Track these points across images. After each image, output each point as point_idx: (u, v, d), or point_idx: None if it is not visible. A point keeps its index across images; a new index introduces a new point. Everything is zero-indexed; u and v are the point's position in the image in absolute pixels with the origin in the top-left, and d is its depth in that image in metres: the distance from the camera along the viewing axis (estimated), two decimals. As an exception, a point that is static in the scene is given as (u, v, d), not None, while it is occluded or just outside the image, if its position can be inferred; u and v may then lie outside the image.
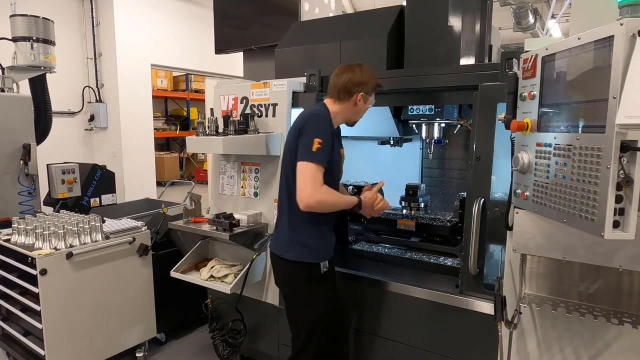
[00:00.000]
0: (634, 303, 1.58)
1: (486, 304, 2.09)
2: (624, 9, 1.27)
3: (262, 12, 3.83)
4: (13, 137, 3.81)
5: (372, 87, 2.18)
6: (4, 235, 2.90)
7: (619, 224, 1.17)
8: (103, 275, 2.85)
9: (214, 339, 2.99)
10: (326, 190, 2.02)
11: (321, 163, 2.00)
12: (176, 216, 3.43)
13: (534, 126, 1.50)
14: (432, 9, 2.49)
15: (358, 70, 2.15)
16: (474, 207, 2.00)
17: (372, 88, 2.18)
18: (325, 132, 2.03)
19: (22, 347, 2.86)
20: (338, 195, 2.11)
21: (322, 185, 2.01)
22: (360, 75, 2.14)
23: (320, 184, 2.01)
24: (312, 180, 1.98)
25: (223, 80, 3.36)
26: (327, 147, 2.02)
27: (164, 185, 6.93)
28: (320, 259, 2.14)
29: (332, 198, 2.07)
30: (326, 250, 2.19)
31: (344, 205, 2.14)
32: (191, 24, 7.59)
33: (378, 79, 2.21)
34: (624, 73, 1.11)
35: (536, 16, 7.59)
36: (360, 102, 2.16)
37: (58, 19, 4.76)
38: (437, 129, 2.70)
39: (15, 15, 3.97)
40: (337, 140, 2.17)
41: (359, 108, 2.19)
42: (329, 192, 2.03)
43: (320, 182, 2.00)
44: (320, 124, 2.06)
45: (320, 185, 2.00)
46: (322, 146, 2.00)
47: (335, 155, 2.14)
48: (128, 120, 6.88)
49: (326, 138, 2.02)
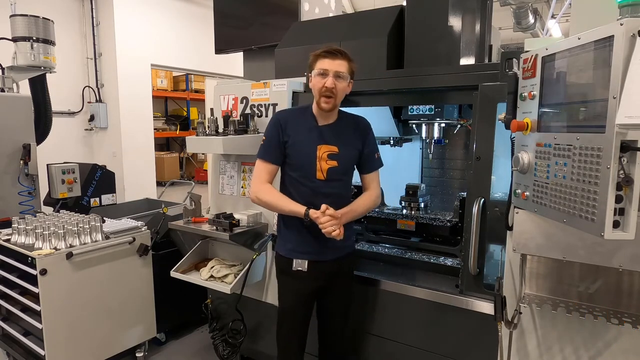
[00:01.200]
0: (634, 303, 1.57)
1: (486, 304, 2.09)
2: (624, 9, 1.27)
3: (262, 12, 3.83)
4: (13, 137, 3.81)
5: (312, 60, 2.09)
6: (4, 235, 2.90)
7: (619, 224, 1.17)
8: (103, 275, 2.85)
9: (214, 339, 2.99)
10: (266, 189, 2.10)
11: (264, 159, 2.12)
12: (176, 216, 3.43)
13: (534, 126, 1.50)
14: (432, 9, 2.49)
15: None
16: (474, 207, 2.00)
17: (312, 62, 2.09)
18: (268, 130, 2.15)
19: (22, 347, 2.86)
20: (278, 198, 2.10)
21: (263, 182, 2.11)
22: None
23: (261, 181, 2.11)
24: (254, 176, 2.15)
25: (223, 80, 3.36)
26: (268, 144, 2.12)
27: (164, 185, 6.93)
28: (291, 254, 2.16)
29: (271, 199, 2.10)
30: (302, 249, 2.15)
31: (285, 210, 2.10)
32: (191, 24, 7.59)
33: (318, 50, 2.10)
34: (624, 73, 1.11)
35: (536, 16, 7.58)
36: (311, 82, 2.10)
37: (58, 19, 4.76)
38: (437, 129, 2.70)
39: (15, 15, 3.97)
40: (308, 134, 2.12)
41: (313, 88, 2.11)
42: (268, 192, 2.10)
43: (262, 178, 2.11)
44: (269, 124, 2.19)
45: (260, 182, 2.11)
46: (264, 143, 2.14)
47: (296, 149, 2.11)
48: (128, 120, 6.88)
49: (268, 135, 2.13)
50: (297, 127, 2.13)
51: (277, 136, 2.11)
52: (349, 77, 2.08)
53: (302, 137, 2.12)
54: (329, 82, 2.01)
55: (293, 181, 2.14)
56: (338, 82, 2.03)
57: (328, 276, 2.19)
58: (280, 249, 2.23)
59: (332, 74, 2.02)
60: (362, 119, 2.28)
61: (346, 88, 2.10)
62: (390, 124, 2.82)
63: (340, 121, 2.19)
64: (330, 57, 2.03)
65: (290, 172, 2.15)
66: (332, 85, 2.01)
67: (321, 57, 2.05)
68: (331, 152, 2.12)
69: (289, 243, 2.19)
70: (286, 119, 2.15)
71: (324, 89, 2.03)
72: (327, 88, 2.02)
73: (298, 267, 2.15)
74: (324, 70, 2.03)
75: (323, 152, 2.11)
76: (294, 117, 2.18)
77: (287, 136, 2.11)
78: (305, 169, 2.11)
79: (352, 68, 2.09)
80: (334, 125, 2.17)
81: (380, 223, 2.89)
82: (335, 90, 2.03)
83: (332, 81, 2.01)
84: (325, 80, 2.02)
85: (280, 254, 2.23)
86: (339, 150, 2.14)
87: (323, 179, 2.11)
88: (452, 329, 2.24)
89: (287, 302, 2.24)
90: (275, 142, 2.11)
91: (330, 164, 2.12)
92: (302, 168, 2.12)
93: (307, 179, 2.11)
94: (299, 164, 2.12)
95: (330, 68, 2.02)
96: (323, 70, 2.03)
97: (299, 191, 2.12)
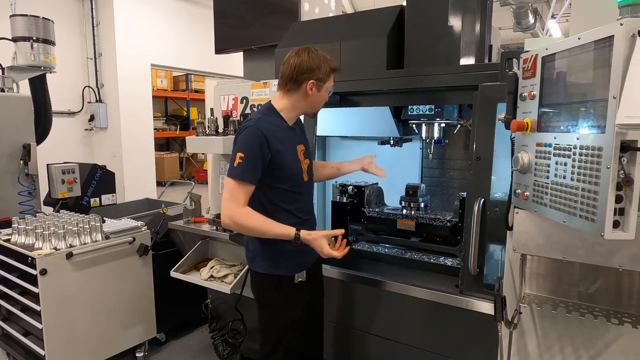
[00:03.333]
0: (634, 303, 1.57)
1: (486, 304, 2.09)
2: (624, 9, 1.27)
3: (262, 12, 3.83)
4: (13, 137, 3.81)
5: (326, 72, 1.91)
6: (4, 235, 2.90)
7: (619, 224, 1.17)
8: (103, 275, 2.85)
9: (214, 339, 2.99)
10: (245, 213, 1.84)
11: (241, 179, 1.83)
12: (176, 216, 3.43)
13: (534, 126, 1.49)
14: (432, 9, 2.49)
15: (306, 54, 1.89)
16: (474, 207, 2.00)
17: (325, 74, 1.92)
18: (249, 147, 1.84)
19: (22, 347, 2.86)
20: (261, 222, 1.86)
21: (241, 205, 1.84)
22: (309, 60, 1.88)
23: (239, 204, 1.84)
24: (229, 198, 1.85)
25: (223, 80, 3.36)
26: (250, 162, 1.83)
27: (164, 185, 6.93)
28: (292, 270, 2.02)
29: (252, 223, 1.85)
30: (299, 262, 2.03)
31: (271, 234, 1.88)
32: (191, 24, 7.59)
33: (333, 62, 1.94)
34: (624, 73, 1.11)
35: (536, 16, 7.58)
36: (314, 92, 1.92)
37: (58, 19, 4.76)
38: (437, 129, 2.70)
39: (15, 15, 3.97)
40: (292, 148, 1.97)
41: (313, 99, 1.95)
42: (249, 216, 1.85)
43: (239, 201, 1.84)
44: (247, 138, 1.86)
45: (237, 205, 1.83)
46: (243, 162, 1.83)
47: (286, 166, 1.93)
48: (128, 120, 6.88)
49: (250, 154, 1.83)
50: (278, 136, 1.92)
51: (260, 154, 1.85)
52: None
53: (285, 144, 1.94)
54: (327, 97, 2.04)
55: (284, 193, 1.96)
56: None
57: (315, 279, 2.17)
58: (278, 269, 2.01)
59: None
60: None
61: None
62: (390, 124, 2.82)
63: (297, 120, 2.12)
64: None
65: (280, 184, 1.94)
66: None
67: (333, 72, 1.98)
68: (304, 150, 2.07)
69: (292, 259, 2.01)
70: (267, 132, 1.88)
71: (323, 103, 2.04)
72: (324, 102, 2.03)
73: (300, 279, 2.03)
74: (332, 87, 2.03)
75: (300, 152, 2.03)
76: (271, 126, 1.92)
77: (272, 150, 1.88)
78: (295, 176, 1.98)
79: None
80: (297, 124, 2.10)
81: (380, 223, 2.89)
82: None
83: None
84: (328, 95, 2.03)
85: (278, 275, 2.02)
86: (305, 147, 2.08)
87: (307, 179, 2.05)
88: (452, 329, 2.24)
89: (292, 318, 2.05)
90: (258, 161, 1.85)
91: (306, 162, 2.06)
92: (292, 176, 1.97)
93: (298, 185, 2.00)
94: (290, 173, 1.96)
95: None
96: (332, 88, 2.03)
97: (293, 201, 1.99)
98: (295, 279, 2.03)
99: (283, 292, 2.03)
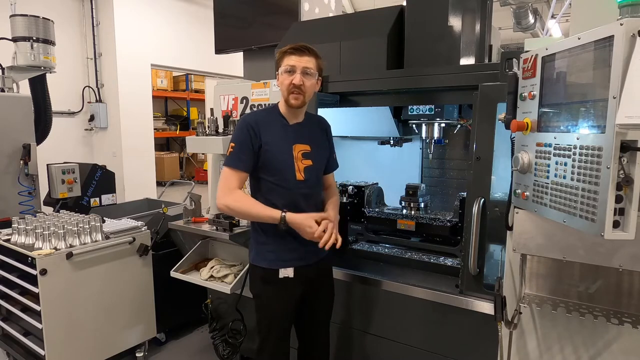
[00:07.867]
0: (634, 303, 1.57)
1: (486, 304, 2.09)
2: (624, 9, 1.27)
3: (262, 12, 3.83)
4: (13, 137, 3.81)
5: (280, 57, 2.02)
6: (4, 235, 2.90)
7: (619, 224, 1.17)
8: (103, 275, 2.85)
9: (214, 339, 2.99)
10: (236, 197, 1.98)
11: (233, 167, 1.98)
12: (176, 216, 3.43)
13: (534, 126, 1.49)
14: (432, 9, 2.49)
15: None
16: (474, 207, 2.00)
17: (279, 58, 2.03)
18: (238, 136, 2.01)
19: (22, 347, 2.86)
20: (251, 205, 1.99)
21: (233, 190, 1.98)
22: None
23: (230, 189, 1.98)
24: (222, 184, 2.01)
25: (223, 80, 3.36)
26: (239, 150, 1.98)
27: (164, 185, 6.93)
28: (276, 264, 2.07)
29: (242, 206, 1.99)
30: (287, 256, 2.08)
31: (261, 217, 1.99)
32: (191, 24, 7.59)
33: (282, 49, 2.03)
34: (624, 73, 1.11)
35: (536, 16, 7.58)
36: (280, 81, 2.04)
37: (58, 19, 4.76)
38: (437, 129, 2.70)
39: (15, 15, 3.97)
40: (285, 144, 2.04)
41: (280, 88, 2.06)
42: (239, 199, 1.98)
43: (231, 186, 1.98)
44: (237, 129, 2.05)
45: (229, 190, 1.98)
46: (233, 150, 2.00)
47: (273, 151, 2.01)
48: (128, 120, 6.88)
49: (238, 142, 1.99)
50: (270, 129, 2.03)
51: (249, 142, 1.98)
52: (317, 74, 2.04)
53: (277, 138, 2.03)
54: (297, 79, 1.96)
55: (270, 186, 2.04)
56: (306, 78, 1.98)
57: (311, 280, 2.16)
58: (261, 261, 2.11)
59: (300, 71, 1.97)
60: (323, 118, 2.28)
61: (315, 85, 2.06)
62: (390, 124, 2.82)
63: (308, 120, 2.15)
64: (298, 53, 1.99)
65: (267, 176, 2.04)
66: (299, 82, 1.96)
67: (288, 54, 2.00)
68: (305, 151, 2.08)
69: (271, 253, 2.09)
70: (257, 122, 2.02)
71: (291, 86, 1.98)
72: (294, 85, 1.97)
73: (285, 275, 2.07)
74: (291, 67, 1.98)
75: (298, 152, 2.06)
76: (263, 119, 2.05)
77: (261, 140, 2.00)
78: (284, 171, 2.03)
79: (320, 65, 2.06)
80: (304, 124, 2.13)
81: (380, 223, 2.89)
82: (303, 87, 1.98)
83: (299, 78, 1.96)
84: (293, 77, 1.97)
85: (261, 267, 2.10)
86: (311, 148, 2.10)
87: (302, 179, 2.06)
88: (452, 329, 2.24)
89: (275, 311, 2.13)
90: (247, 148, 1.98)
91: (305, 163, 2.07)
92: (281, 171, 2.03)
93: (286, 181, 2.03)
94: (277, 167, 2.03)
95: (297, 65, 1.97)
96: (290, 67, 1.98)
97: (279, 195, 2.03)
98: (279, 274, 2.07)
99: (269, 284, 2.11)
